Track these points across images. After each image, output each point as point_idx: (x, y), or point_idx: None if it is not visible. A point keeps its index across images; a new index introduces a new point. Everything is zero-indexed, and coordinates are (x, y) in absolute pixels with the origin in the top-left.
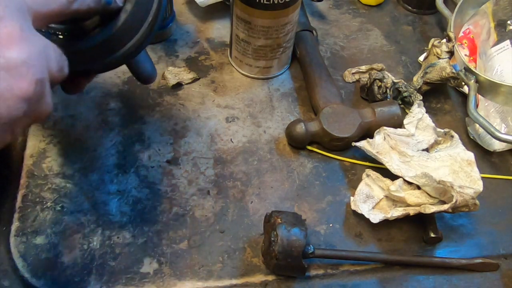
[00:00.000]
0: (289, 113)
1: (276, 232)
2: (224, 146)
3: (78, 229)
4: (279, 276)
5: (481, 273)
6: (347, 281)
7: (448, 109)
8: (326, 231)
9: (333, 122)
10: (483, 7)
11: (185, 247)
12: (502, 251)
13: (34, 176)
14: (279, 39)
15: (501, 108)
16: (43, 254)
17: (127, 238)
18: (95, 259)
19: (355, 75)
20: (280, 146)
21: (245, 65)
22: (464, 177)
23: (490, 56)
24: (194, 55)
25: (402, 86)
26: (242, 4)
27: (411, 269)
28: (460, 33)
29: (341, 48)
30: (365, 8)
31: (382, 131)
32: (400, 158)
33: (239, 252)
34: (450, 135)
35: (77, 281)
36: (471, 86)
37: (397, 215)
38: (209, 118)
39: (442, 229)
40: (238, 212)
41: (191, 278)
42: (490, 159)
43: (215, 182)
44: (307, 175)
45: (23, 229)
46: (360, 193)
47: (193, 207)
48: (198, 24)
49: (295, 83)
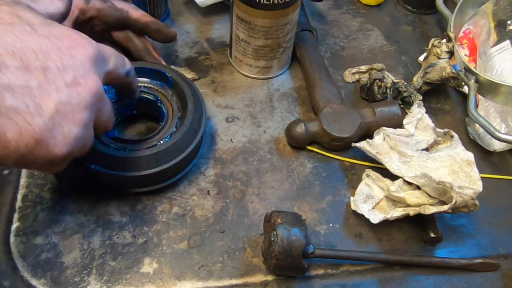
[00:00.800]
0: (289, 113)
1: (276, 232)
2: (224, 146)
3: (78, 229)
4: (279, 276)
5: (481, 273)
6: (347, 281)
7: (448, 109)
8: (326, 231)
9: (333, 122)
10: (483, 7)
11: (185, 247)
12: (502, 251)
13: (34, 176)
14: (279, 39)
15: (501, 108)
16: (43, 254)
17: (127, 238)
18: (95, 259)
19: (355, 75)
20: (280, 146)
21: (245, 65)
22: (463, 177)
23: (490, 56)
24: (194, 55)
25: (402, 86)
26: (242, 4)
27: (411, 269)
28: (460, 33)
29: (341, 48)
30: (365, 8)
31: (382, 131)
32: (400, 158)
33: (239, 252)
34: (450, 135)
35: (77, 281)
36: (471, 86)
37: (397, 216)
38: (209, 118)
39: (442, 229)
40: (238, 212)
41: (191, 278)
42: (490, 159)
43: (215, 182)
44: (307, 175)
45: (23, 229)
46: (360, 193)
47: (193, 207)
48: (198, 24)
49: (295, 83)
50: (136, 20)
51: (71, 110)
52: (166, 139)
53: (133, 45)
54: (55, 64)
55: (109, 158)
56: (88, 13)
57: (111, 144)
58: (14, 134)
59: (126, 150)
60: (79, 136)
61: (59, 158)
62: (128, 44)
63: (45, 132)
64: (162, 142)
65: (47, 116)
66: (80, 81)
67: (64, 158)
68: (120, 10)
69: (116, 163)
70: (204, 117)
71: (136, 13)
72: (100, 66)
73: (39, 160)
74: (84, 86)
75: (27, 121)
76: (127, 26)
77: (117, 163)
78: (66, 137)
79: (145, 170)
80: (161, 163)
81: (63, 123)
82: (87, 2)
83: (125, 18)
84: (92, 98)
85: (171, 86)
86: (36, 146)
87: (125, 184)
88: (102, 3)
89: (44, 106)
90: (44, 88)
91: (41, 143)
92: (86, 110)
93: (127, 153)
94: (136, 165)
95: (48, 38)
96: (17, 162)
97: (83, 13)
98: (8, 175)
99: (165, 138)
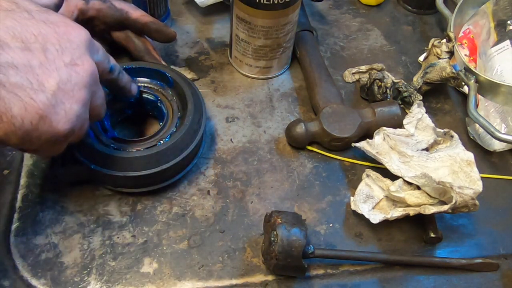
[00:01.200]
0: (289, 113)
1: (276, 232)
2: (224, 146)
3: (78, 229)
4: (279, 276)
5: (481, 273)
6: (347, 281)
7: (448, 109)
8: (326, 231)
9: (333, 122)
10: (483, 7)
11: (185, 247)
12: (502, 251)
13: (34, 176)
14: (279, 39)
15: (501, 108)
16: (43, 254)
17: (127, 238)
18: (95, 259)
19: (355, 75)
20: (280, 146)
21: (245, 65)
22: (463, 177)
23: (490, 56)
24: (194, 55)
25: (402, 86)
26: (242, 4)
27: (411, 269)
28: (460, 33)
29: (341, 48)
30: (365, 8)
31: (382, 131)
32: (400, 158)
33: (239, 252)
34: (449, 135)
35: (77, 281)
36: (471, 86)
37: (397, 216)
38: (209, 118)
39: (442, 229)
40: (238, 212)
41: (191, 278)
42: (490, 159)
43: (215, 182)
44: (307, 175)
45: (23, 229)
46: (360, 193)
47: (193, 207)
48: (198, 24)
49: (295, 83)
50: (136, 20)
51: (71, 88)
52: (166, 139)
53: (133, 45)
54: (54, 46)
55: (109, 158)
56: (88, 13)
57: (111, 144)
58: (20, 109)
59: (126, 150)
60: (79, 114)
61: (62, 135)
62: (128, 44)
63: (49, 108)
64: (162, 142)
65: (50, 93)
66: (77, 62)
67: (66, 135)
68: (119, 10)
69: (116, 163)
70: (204, 117)
71: (135, 13)
72: (92, 52)
73: (43, 137)
74: (81, 66)
75: (31, 97)
76: (127, 26)
77: (117, 163)
78: (68, 114)
79: (145, 170)
80: (161, 163)
81: (64, 100)
82: (87, 2)
83: (125, 18)
84: (89, 78)
85: (171, 86)
86: (40, 122)
87: (125, 184)
88: (102, 3)
89: (46, 83)
90: (45, 67)
91: (45, 118)
92: (84, 89)
93: (127, 153)
94: (136, 165)
95: (45, 23)
96: (22, 139)
97: (83, 13)
98: (8, 175)
99: (165, 138)
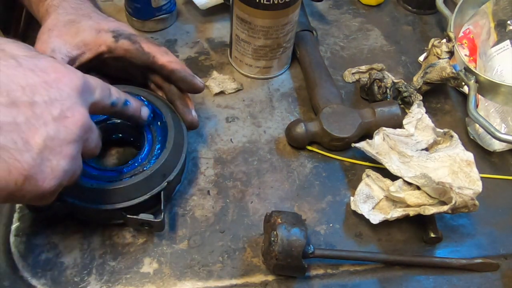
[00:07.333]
0: (289, 113)
1: (276, 232)
2: (224, 146)
3: (78, 229)
4: (279, 276)
5: (481, 273)
6: (347, 281)
7: (448, 109)
8: (326, 231)
9: (333, 122)
10: (483, 7)
11: (185, 247)
12: (502, 251)
13: None
14: (279, 39)
15: (501, 108)
16: (43, 254)
17: (127, 238)
18: (95, 259)
19: (355, 75)
20: (280, 146)
21: (245, 65)
22: (463, 177)
23: (490, 56)
24: (194, 55)
25: (402, 86)
26: (242, 4)
27: (411, 269)
28: (460, 33)
29: (341, 48)
30: (365, 8)
31: (381, 131)
32: (399, 158)
33: (239, 252)
34: (449, 135)
35: (77, 281)
36: (471, 86)
37: (397, 216)
38: (209, 118)
39: (442, 229)
40: (238, 212)
41: (191, 278)
42: (490, 159)
43: (215, 182)
44: (307, 175)
45: (23, 229)
46: (360, 193)
47: (193, 207)
48: (198, 24)
49: (295, 83)
50: (162, 65)
51: (59, 144)
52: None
53: (167, 86)
54: (42, 98)
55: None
56: (115, 51)
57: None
58: (3, 172)
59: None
60: (68, 169)
61: (48, 192)
62: (162, 85)
63: (34, 168)
64: (148, 167)
65: (36, 151)
66: (67, 114)
67: (53, 191)
68: (147, 54)
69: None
70: (186, 140)
71: (162, 58)
72: (86, 97)
73: (28, 195)
74: (71, 119)
75: (16, 158)
76: (153, 70)
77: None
78: (55, 171)
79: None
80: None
81: (51, 157)
82: (116, 40)
83: (151, 63)
84: (80, 130)
85: None
86: (25, 183)
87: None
88: (131, 44)
89: (32, 141)
90: (31, 123)
91: (30, 179)
92: (73, 143)
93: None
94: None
95: (34, 72)
96: (6, 198)
97: (110, 51)
98: None
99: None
